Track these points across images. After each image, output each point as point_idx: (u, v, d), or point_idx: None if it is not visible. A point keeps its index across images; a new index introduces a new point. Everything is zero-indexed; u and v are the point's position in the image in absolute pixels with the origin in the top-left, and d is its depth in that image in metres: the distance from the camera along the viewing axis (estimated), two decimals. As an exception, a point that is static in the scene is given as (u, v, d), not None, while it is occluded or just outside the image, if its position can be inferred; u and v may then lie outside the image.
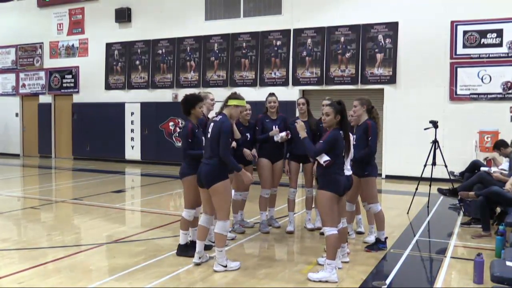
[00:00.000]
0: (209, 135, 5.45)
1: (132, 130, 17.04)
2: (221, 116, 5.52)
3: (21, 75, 19.61)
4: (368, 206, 6.44)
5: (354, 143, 5.85)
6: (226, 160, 5.37)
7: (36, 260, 5.84)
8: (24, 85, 19.56)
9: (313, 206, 7.57)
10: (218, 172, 5.36)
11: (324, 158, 5.02)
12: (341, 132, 5.13)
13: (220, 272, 5.37)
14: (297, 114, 7.54)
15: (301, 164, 7.32)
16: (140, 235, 7.11)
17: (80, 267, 5.67)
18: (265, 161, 7.13)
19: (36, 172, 15.67)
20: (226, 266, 5.44)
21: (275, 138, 6.96)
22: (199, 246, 5.62)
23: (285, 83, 14.56)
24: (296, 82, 14.42)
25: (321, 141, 5.12)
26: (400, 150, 12.92)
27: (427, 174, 8.93)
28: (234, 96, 5.69)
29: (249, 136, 7.05)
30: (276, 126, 7.08)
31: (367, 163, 6.21)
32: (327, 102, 6.95)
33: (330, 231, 5.11)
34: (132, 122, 17.01)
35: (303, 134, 5.25)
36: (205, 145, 5.56)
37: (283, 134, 6.96)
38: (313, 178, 7.21)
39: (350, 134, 5.43)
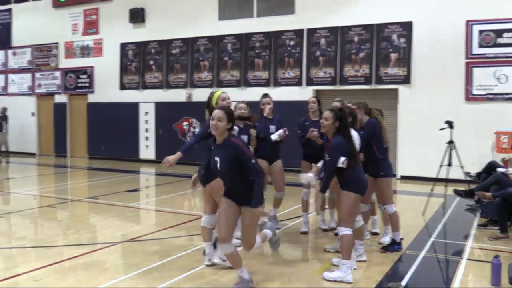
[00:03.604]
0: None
1: (146, 130, 17.11)
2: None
3: (37, 75, 19.80)
4: (383, 206, 6.40)
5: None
6: None
7: (52, 258, 5.88)
8: (40, 85, 19.75)
9: (326, 206, 7.53)
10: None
11: (341, 161, 5.02)
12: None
13: (234, 273, 5.35)
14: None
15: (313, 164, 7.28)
16: (154, 234, 7.13)
17: (95, 265, 5.69)
18: (262, 162, 6.81)
19: (52, 171, 15.80)
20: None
21: (273, 138, 6.86)
22: (208, 248, 5.61)
23: (298, 83, 14.52)
24: (310, 82, 14.37)
25: (328, 158, 5.13)
26: (415, 150, 12.80)
27: (442, 175, 8.84)
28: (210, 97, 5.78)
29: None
30: (274, 127, 7.00)
31: (382, 163, 6.20)
32: (337, 104, 6.95)
33: (344, 231, 5.10)
34: (146, 122, 17.09)
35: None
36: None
37: (281, 131, 6.87)
38: None
39: (355, 136, 5.45)
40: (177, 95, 16.53)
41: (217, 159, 4.64)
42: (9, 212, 8.88)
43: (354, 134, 5.48)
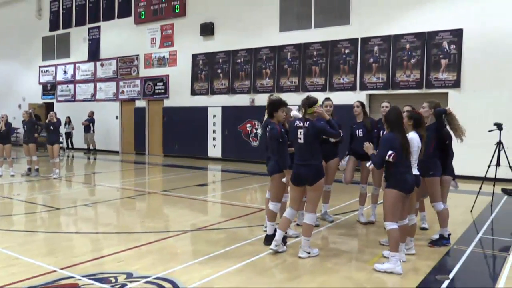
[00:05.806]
0: (301, 140, 5.49)
1: (214, 131, 17.44)
2: (309, 122, 5.52)
3: (121, 83, 20.64)
4: (432, 204, 6.21)
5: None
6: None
7: (132, 243, 6.13)
8: (123, 92, 20.59)
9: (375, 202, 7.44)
10: (321, 170, 5.50)
11: (388, 153, 4.98)
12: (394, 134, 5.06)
13: (292, 261, 5.38)
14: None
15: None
16: (220, 225, 7.26)
17: (168, 250, 5.88)
18: None
19: (132, 167, 16.43)
20: (309, 253, 5.52)
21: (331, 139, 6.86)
22: (279, 235, 5.64)
23: (352, 88, 14.30)
24: (363, 87, 14.12)
25: (376, 151, 5.17)
26: (465, 151, 12.21)
27: (491, 174, 8.43)
28: (312, 102, 5.66)
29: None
30: None
31: (433, 163, 6.01)
32: (386, 104, 6.88)
33: (390, 225, 5.03)
34: (214, 124, 17.41)
35: (370, 152, 5.32)
36: (298, 148, 5.55)
37: None
38: (368, 175, 7.35)
39: (416, 135, 5.24)
40: (242, 100, 16.73)
41: None
42: (96, 202, 9.33)
43: (414, 136, 5.21)
